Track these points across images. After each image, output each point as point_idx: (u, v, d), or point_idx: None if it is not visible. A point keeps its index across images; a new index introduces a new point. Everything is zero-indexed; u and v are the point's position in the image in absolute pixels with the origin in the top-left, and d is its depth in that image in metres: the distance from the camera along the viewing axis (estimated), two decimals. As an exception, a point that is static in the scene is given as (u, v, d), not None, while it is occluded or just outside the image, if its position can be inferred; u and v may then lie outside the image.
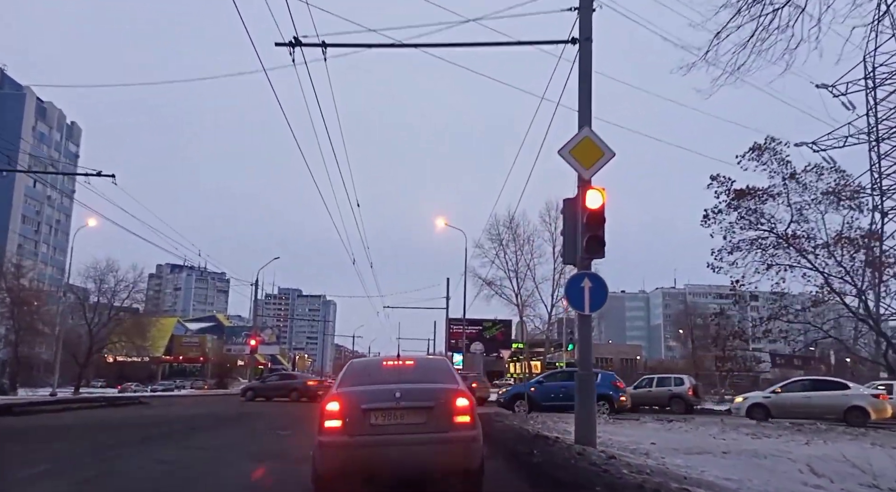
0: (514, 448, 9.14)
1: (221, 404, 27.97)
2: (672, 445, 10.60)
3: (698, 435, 13.04)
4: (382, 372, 6.78)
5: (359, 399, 6.01)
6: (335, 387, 6.55)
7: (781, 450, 10.21)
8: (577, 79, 9.66)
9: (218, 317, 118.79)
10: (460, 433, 5.94)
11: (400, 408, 5.93)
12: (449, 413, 6.01)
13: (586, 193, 8.98)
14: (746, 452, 9.90)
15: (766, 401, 20.83)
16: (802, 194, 15.83)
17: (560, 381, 21.60)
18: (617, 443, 9.99)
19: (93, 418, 17.69)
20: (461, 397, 6.11)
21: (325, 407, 6.02)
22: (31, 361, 55.18)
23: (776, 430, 14.72)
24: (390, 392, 6.00)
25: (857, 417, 18.42)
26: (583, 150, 9.25)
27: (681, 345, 73.19)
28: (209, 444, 10.89)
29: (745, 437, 12.76)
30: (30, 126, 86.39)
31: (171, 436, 12.30)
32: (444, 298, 46.44)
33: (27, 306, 45.56)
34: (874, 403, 19.08)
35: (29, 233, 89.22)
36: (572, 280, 9.21)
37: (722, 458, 9.22)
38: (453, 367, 7.31)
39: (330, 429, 5.88)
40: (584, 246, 8.82)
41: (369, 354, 72.79)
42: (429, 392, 6.20)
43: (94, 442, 11.08)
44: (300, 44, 9.77)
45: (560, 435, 10.80)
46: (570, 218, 9.33)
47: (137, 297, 50.42)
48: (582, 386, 9.03)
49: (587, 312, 9.05)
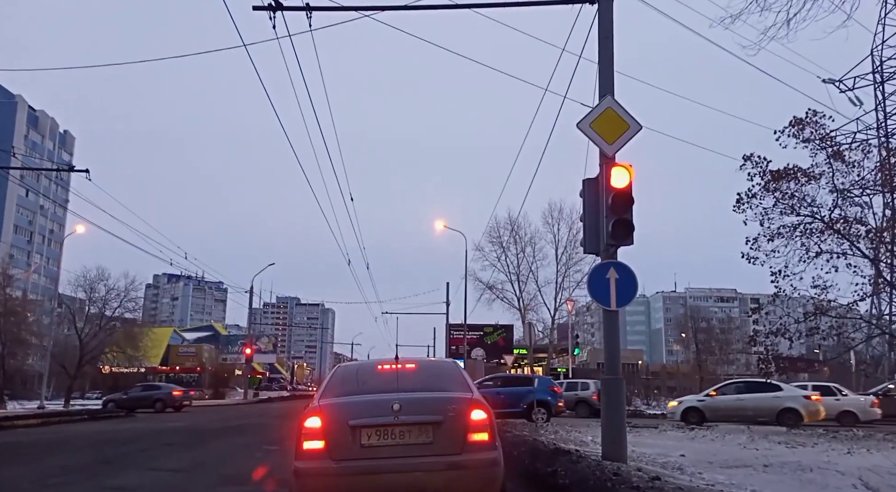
0: (531, 466, 7.90)
1: (211, 414, 26.76)
2: (704, 457, 9.64)
3: (726, 444, 12.13)
4: (377, 378, 5.49)
5: (346, 413, 4.76)
6: (317, 398, 5.24)
7: (826, 461, 9.33)
8: (597, 42, 8.49)
9: (215, 326, 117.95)
10: (477, 456, 4.68)
11: (399, 424, 4.70)
12: (462, 430, 4.75)
13: (610, 171, 7.77)
14: (789, 464, 8.93)
15: (701, 404, 20.78)
16: (847, 175, 14.70)
17: (499, 386, 21.50)
18: (643, 456, 8.97)
19: (65, 433, 16.49)
20: (477, 409, 4.86)
21: (304, 424, 4.75)
22: (24, 373, 53.96)
23: (810, 437, 13.71)
24: (386, 404, 4.75)
25: (789, 419, 18.29)
26: (605, 122, 8.06)
27: (684, 349, 72.21)
28: (181, 464, 9.60)
29: (779, 446, 11.81)
30: (21, 135, 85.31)
31: (141, 455, 11.02)
32: (444, 303, 45.42)
33: (14, 317, 44.24)
34: (806, 404, 19.01)
35: (21, 243, 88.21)
36: (596, 271, 8.00)
37: (764, 472, 8.29)
38: (464, 370, 5.92)
39: (309, 452, 4.63)
40: (610, 231, 7.62)
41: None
42: (436, 403, 4.93)
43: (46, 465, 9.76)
44: (281, 7, 8.58)
45: (579, 447, 9.75)
46: (592, 201, 8.11)
47: (130, 306, 49.00)
48: (609, 393, 7.81)
49: (614, 307, 7.84)
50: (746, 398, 19.81)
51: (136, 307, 50.87)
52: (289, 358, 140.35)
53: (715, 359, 57.11)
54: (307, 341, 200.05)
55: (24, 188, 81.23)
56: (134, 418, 23.16)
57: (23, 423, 18.80)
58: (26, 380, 55.96)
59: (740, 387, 21.17)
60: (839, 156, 14.65)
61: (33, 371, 56.73)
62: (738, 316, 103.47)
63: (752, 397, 19.66)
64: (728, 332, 63.10)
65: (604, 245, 7.87)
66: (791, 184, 14.09)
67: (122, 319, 49.83)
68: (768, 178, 14.13)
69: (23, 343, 47.91)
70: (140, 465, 9.31)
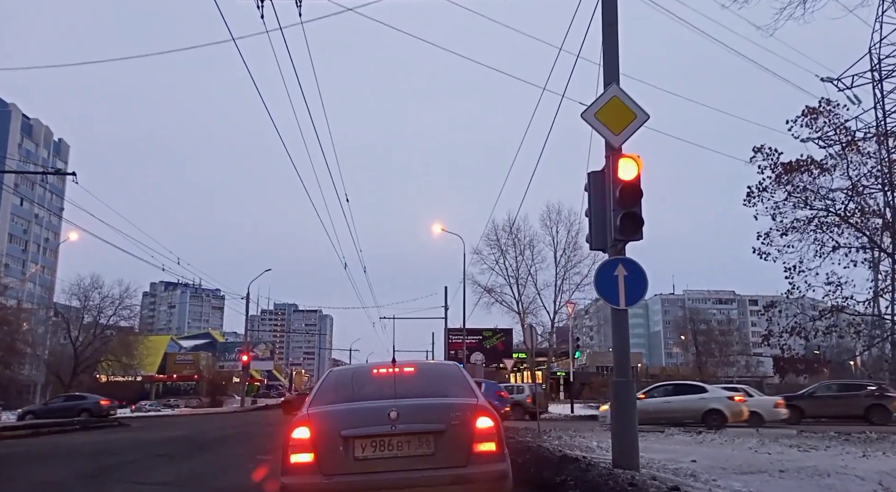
0: (538, 476, 7.46)
1: (207, 423, 26.24)
2: (716, 463, 9.20)
3: (737, 448, 11.68)
4: (372, 383, 5.05)
5: (338, 422, 4.34)
6: (306, 405, 4.77)
7: (842, 466, 8.93)
8: (601, 29, 8.11)
9: (212, 333, 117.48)
10: (484, 468, 4.25)
11: (396, 434, 4.25)
12: (467, 440, 4.32)
13: (618, 163, 7.38)
14: (805, 469, 8.52)
15: None
16: (863, 166, 14.28)
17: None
18: (653, 462, 8.54)
19: (54, 444, 16.00)
20: (483, 417, 4.42)
21: (291, 435, 4.30)
22: (18, 382, 53.41)
23: (822, 440, 13.31)
24: (382, 411, 4.31)
25: (714, 420, 18.48)
26: (611, 111, 7.67)
27: (683, 351, 71.85)
28: (170, 477, 9.11)
29: (791, 450, 11.38)
30: (16, 143, 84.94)
31: (129, 467, 10.52)
32: (443, 307, 45.00)
33: (8, 326, 43.76)
34: (730, 405, 19.10)
35: (16, 252, 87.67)
36: (603, 268, 7.58)
37: (781, 478, 7.90)
38: (467, 374, 5.46)
39: (297, 466, 4.19)
40: (618, 226, 7.22)
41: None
42: (437, 410, 4.50)
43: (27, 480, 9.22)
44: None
45: (586, 454, 9.33)
46: (598, 195, 7.70)
47: (125, 314, 48.55)
48: (619, 396, 7.39)
49: (622, 306, 7.42)
50: (673, 400, 19.87)
51: (131, 315, 50.45)
52: (287, 365, 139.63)
53: (715, 361, 56.82)
54: (305, 348, 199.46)
55: (18, 197, 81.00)
56: (129, 427, 22.65)
57: (11, 433, 18.27)
58: (21, 390, 55.43)
59: (668, 389, 21.42)
60: (854, 145, 14.21)
61: (28, 381, 56.23)
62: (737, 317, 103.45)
63: (678, 399, 19.75)
64: (728, 333, 62.87)
65: (611, 241, 7.47)
66: (804, 176, 13.66)
67: (117, 327, 49.35)
68: (779, 170, 13.69)
69: (17, 353, 47.48)
70: (126, 479, 8.81)
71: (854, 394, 22.73)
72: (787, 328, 15.25)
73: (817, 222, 14.02)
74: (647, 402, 20.41)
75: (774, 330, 15.91)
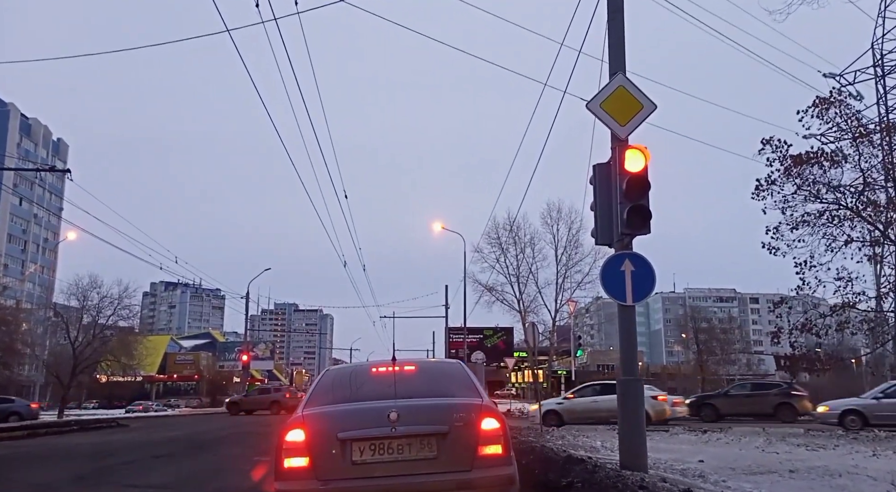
0: (543, 477, 7.23)
1: (206, 423, 26.02)
2: (724, 463, 9.06)
3: (744, 447, 11.60)
4: (371, 383, 4.81)
5: (334, 424, 4.11)
6: (301, 406, 4.55)
7: (853, 465, 8.83)
8: (606, 18, 7.89)
9: (212, 333, 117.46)
10: (490, 472, 4.02)
11: (397, 436, 4.03)
12: (471, 442, 4.08)
13: (624, 154, 7.17)
14: (816, 469, 8.38)
15: (559, 407, 21.30)
16: (871, 159, 14.03)
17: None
18: (659, 462, 8.40)
19: (51, 445, 15.78)
20: (489, 417, 4.19)
21: (285, 438, 4.08)
22: (17, 383, 53.19)
23: (829, 439, 13.19)
24: (382, 412, 4.08)
25: None
26: (616, 102, 7.45)
27: (684, 349, 71.68)
28: (165, 479, 8.88)
29: (798, 449, 11.31)
30: (14, 143, 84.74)
31: (124, 469, 10.28)
32: (443, 306, 44.74)
33: (7, 326, 43.53)
34: (654, 405, 19.10)
35: (16, 252, 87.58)
36: (610, 263, 7.36)
37: (791, 478, 7.78)
38: (471, 372, 5.17)
39: (291, 471, 3.96)
40: (625, 219, 7.00)
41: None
42: (440, 411, 4.26)
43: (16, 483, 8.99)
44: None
45: (591, 454, 9.15)
46: (604, 188, 7.47)
47: (124, 314, 48.18)
48: (626, 396, 7.15)
49: (629, 302, 7.19)
50: (601, 400, 19.86)
51: (130, 315, 50.05)
52: (288, 364, 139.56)
53: (716, 359, 56.64)
54: (306, 347, 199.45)
55: (17, 197, 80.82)
56: (127, 428, 22.44)
57: (6, 434, 18.04)
58: (20, 390, 55.18)
59: (596, 389, 21.59)
60: (866, 136, 13.96)
61: (28, 381, 56.03)
62: (738, 315, 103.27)
63: (605, 398, 19.58)
64: (729, 331, 62.68)
65: (618, 235, 7.24)
66: (814, 169, 13.41)
67: (116, 327, 49.08)
68: (788, 163, 13.44)
69: (16, 353, 47.29)
70: (119, 482, 8.56)
71: (764, 393, 23.45)
72: (798, 325, 14.98)
73: (828, 216, 13.76)
74: (575, 402, 21.20)
75: (784, 327, 15.63)
